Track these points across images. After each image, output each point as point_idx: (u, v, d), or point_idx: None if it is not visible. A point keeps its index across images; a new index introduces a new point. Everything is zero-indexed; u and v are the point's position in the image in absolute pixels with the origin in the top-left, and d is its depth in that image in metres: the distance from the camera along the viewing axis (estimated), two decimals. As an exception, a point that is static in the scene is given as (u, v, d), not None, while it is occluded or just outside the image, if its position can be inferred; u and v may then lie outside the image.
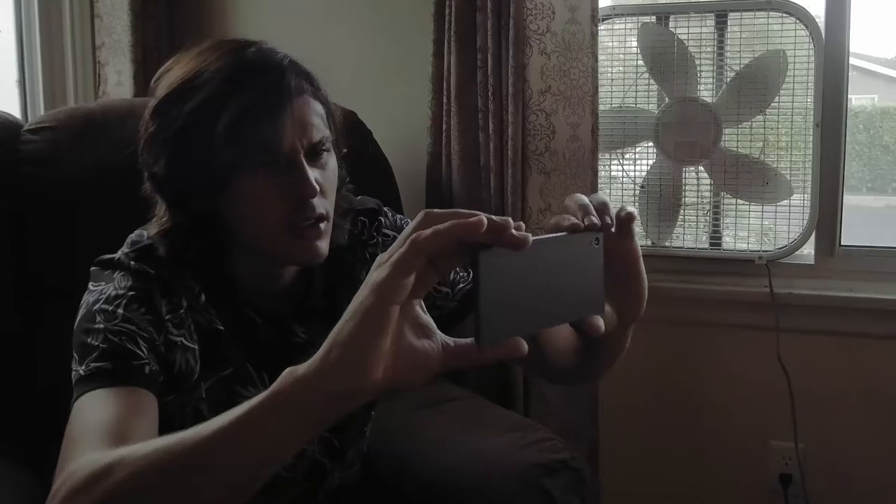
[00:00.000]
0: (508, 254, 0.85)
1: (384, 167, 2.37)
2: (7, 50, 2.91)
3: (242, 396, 1.40)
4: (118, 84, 2.80)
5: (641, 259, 1.13)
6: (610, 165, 2.68)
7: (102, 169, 1.98)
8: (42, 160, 1.99)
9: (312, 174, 1.32)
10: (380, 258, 0.88)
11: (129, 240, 1.44)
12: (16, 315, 1.97)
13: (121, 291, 1.34)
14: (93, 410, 1.20)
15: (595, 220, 0.99)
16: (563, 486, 1.75)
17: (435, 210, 0.87)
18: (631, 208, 1.09)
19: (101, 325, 1.29)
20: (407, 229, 0.87)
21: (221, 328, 1.42)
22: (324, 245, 1.37)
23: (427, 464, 1.75)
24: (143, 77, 2.77)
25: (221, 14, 2.92)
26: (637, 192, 2.64)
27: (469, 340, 0.89)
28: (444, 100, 2.49)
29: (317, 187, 1.32)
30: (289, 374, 0.90)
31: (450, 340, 0.90)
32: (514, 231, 0.83)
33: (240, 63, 1.33)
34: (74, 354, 1.30)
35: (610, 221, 1.04)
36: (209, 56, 1.35)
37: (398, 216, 1.64)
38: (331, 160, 1.39)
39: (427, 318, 0.91)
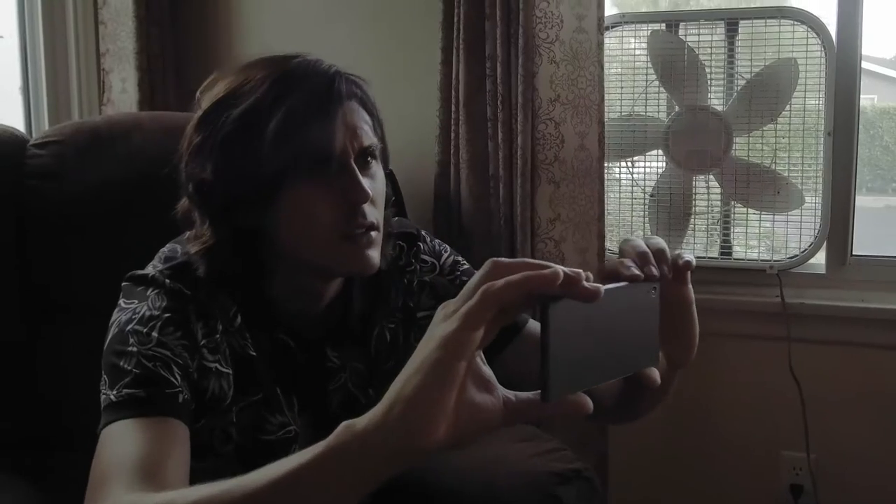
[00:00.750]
0: (575, 306, 0.83)
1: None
2: (10, 56, 2.89)
3: (270, 422, 1.39)
4: (123, 91, 2.78)
5: (694, 305, 1.13)
6: (620, 174, 2.65)
7: (108, 184, 1.98)
8: (48, 174, 1.98)
9: (364, 182, 1.29)
10: (444, 308, 0.85)
11: (162, 254, 1.40)
12: (19, 327, 1.96)
13: (155, 312, 1.29)
14: (124, 443, 1.16)
15: (655, 270, 0.99)
16: (576, 495, 1.74)
17: (503, 259, 0.85)
18: (689, 256, 1.09)
19: (135, 349, 1.25)
20: (475, 279, 0.84)
21: (254, 354, 1.38)
22: (375, 255, 1.33)
23: (437, 471, 1.73)
24: (148, 84, 2.76)
25: (226, 22, 2.90)
26: (647, 200, 2.62)
27: (532, 395, 0.87)
28: (453, 108, 2.47)
29: (368, 192, 1.29)
30: (346, 428, 0.87)
31: (510, 395, 0.88)
32: (586, 283, 0.81)
33: (286, 70, 1.31)
34: (104, 376, 1.26)
35: (668, 270, 1.04)
36: (253, 68, 1.33)
37: (436, 241, 1.60)
38: (379, 171, 1.36)
39: (488, 371, 0.88)
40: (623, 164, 2.65)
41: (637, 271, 0.98)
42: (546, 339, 0.82)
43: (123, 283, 1.37)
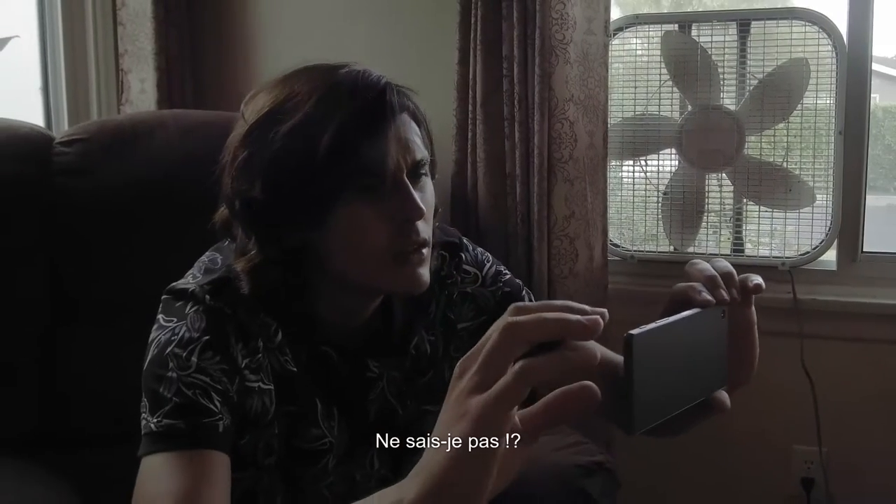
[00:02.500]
0: (654, 335, 0.86)
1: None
2: (30, 57, 2.92)
3: (306, 433, 1.38)
4: (142, 92, 2.82)
5: (756, 325, 1.15)
6: (634, 172, 2.69)
7: (132, 181, 2.02)
8: (74, 171, 2.00)
9: (416, 195, 1.26)
10: (462, 367, 0.82)
11: (202, 264, 1.38)
12: (45, 322, 1.98)
13: (195, 335, 1.26)
14: (164, 478, 1.17)
15: (726, 295, 1.01)
16: (601, 487, 1.78)
17: (520, 321, 0.79)
18: (758, 279, 1.10)
19: (174, 374, 1.23)
20: (494, 342, 0.80)
21: (294, 370, 1.35)
22: (426, 273, 1.30)
23: None
24: (167, 85, 2.79)
25: (242, 22, 2.93)
26: (660, 198, 2.65)
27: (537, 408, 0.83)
28: (470, 108, 2.50)
29: (423, 208, 1.25)
30: None
31: (525, 416, 0.82)
32: (582, 319, 0.78)
33: (334, 82, 1.27)
34: (144, 399, 1.25)
35: (737, 295, 1.05)
36: (298, 79, 1.29)
37: (478, 250, 1.56)
38: (429, 184, 1.33)
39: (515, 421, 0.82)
40: (637, 162, 2.68)
41: (708, 296, 0.99)
42: (630, 371, 0.83)
43: (163, 297, 1.34)
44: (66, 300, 1.98)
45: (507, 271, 1.56)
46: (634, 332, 0.84)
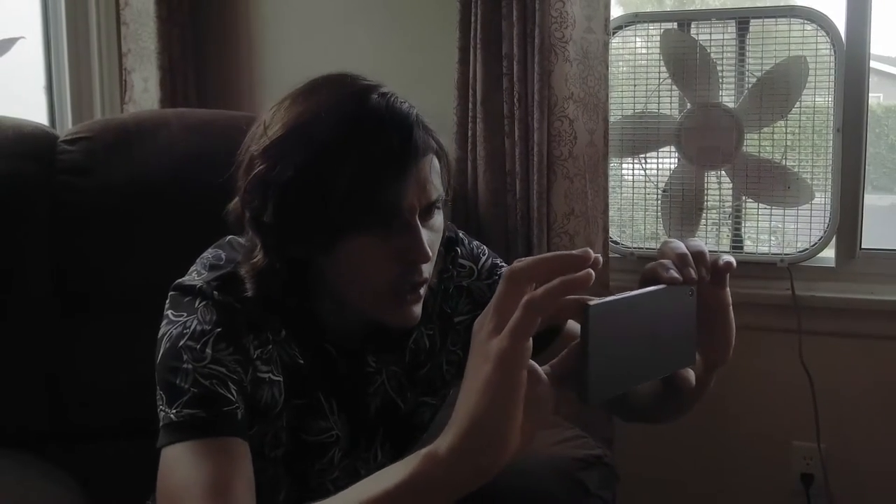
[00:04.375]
0: (615, 308, 0.87)
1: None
2: (35, 57, 2.94)
3: (312, 426, 1.39)
4: (145, 91, 2.84)
5: (731, 307, 1.12)
6: (633, 170, 2.70)
7: (135, 179, 2.03)
8: (78, 170, 2.02)
9: (425, 236, 1.25)
10: (480, 324, 0.89)
11: (206, 261, 1.37)
12: (50, 318, 1.99)
13: (207, 327, 1.27)
14: (190, 467, 1.18)
15: (694, 273, 1.00)
16: (598, 480, 1.79)
17: (518, 266, 0.89)
18: (728, 257, 1.08)
19: (189, 366, 1.24)
20: (500, 291, 0.88)
21: (302, 362, 1.36)
22: (418, 310, 1.31)
23: None
24: (170, 84, 2.81)
25: (245, 21, 2.95)
26: (659, 196, 2.66)
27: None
28: (470, 106, 2.52)
29: (429, 253, 1.26)
30: (428, 457, 0.91)
31: (550, 371, 0.92)
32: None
33: (363, 112, 1.23)
34: (160, 392, 1.25)
35: (706, 273, 1.04)
36: (325, 96, 1.26)
37: (474, 244, 1.56)
38: (439, 218, 1.31)
39: (533, 364, 0.90)
40: (636, 159, 2.69)
41: (676, 274, 0.99)
42: (586, 341, 0.85)
43: (171, 293, 1.34)
44: (71, 296, 2.00)
45: (502, 263, 1.57)
46: (592, 302, 0.86)
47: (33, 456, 1.90)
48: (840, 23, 2.49)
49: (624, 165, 2.73)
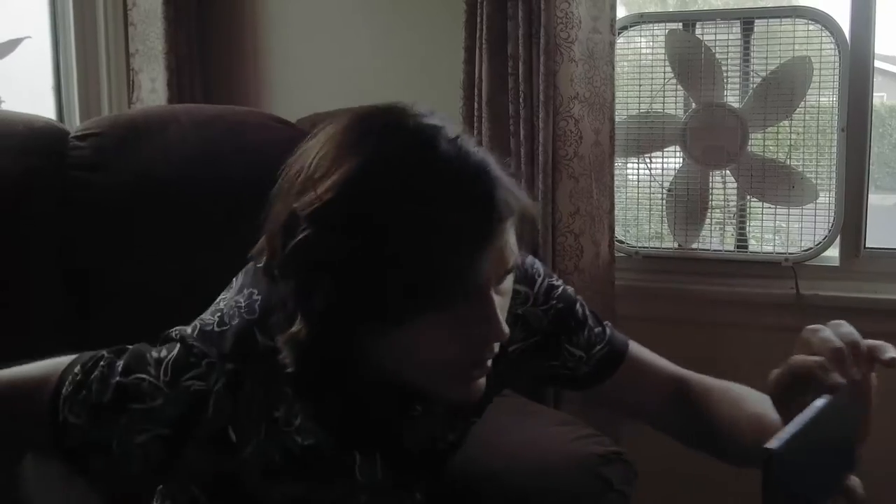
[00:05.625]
0: (792, 445, 0.81)
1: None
2: (43, 57, 2.96)
3: (332, 489, 1.26)
4: (152, 91, 2.85)
5: (874, 388, 1.05)
6: (638, 169, 2.71)
7: (145, 174, 2.04)
8: (89, 165, 2.03)
9: (497, 304, 1.07)
10: None
11: (234, 310, 1.19)
12: (61, 315, 1.99)
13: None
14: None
15: (857, 375, 0.96)
16: (620, 475, 1.81)
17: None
18: (891, 351, 1.02)
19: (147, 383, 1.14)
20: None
21: (307, 443, 1.19)
22: (484, 382, 1.15)
23: (485, 455, 1.72)
24: (177, 84, 2.83)
25: (251, 22, 2.97)
26: (664, 195, 2.68)
27: None
28: (475, 105, 2.53)
29: (506, 331, 1.08)
30: None
31: None
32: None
33: (432, 172, 1.03)
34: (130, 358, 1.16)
35: (866, 369, 1.00)
36: (381, 145, 1.05)
37: (528, 263, 1.36)
38: (510, 280, 1.13)
39: None
40: (641, 158, 2.71)
41: (838, 378, 0.93)
42: (771, 490, 0.81)
43: (178, 341, 1.18)
44: (81, 293, 2.01)
45: (558, 282, 1.40)
46: (773, 445, 0.79)
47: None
48: (844, 23, 2.50)
49: (629, 165, 2.74)
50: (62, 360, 1.18)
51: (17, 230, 1.94)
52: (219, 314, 1.19)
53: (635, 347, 1.45)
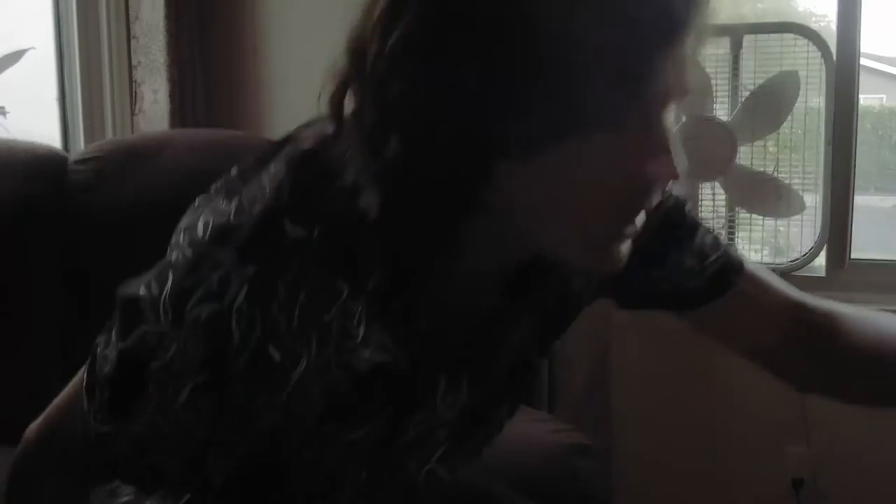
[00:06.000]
0: None
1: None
2: (47, 68, 3.02)
3: (411, 423, 1.01)
4: (154, 102, 2.90)
5: None
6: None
7: (142, 197, 2.10)
8: (88, 189, 2.10)
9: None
10: None
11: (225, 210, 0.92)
12: (66, 337, 2.06)
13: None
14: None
15: None
16: (592, 467, 1.86)
17: None
18: None
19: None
20: None
21: (384, 360, 0.93)
22: (626, 251, 0.92)
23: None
24: (178, 96, 2.88)
25: (252, 35, 3.02)
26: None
27: None
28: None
29: (680, 168, 0.86)
30: None
31: None
32: None
33: None
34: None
35: None
36: None
37: None
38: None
39: None
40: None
41: None
42: None
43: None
44: (83, 315, 2.07)
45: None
46: None
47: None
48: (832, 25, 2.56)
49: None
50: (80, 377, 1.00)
51: (20, 256, 2.01)
52: (236, 201, 0.91)
53: (750, 264, 1.20)
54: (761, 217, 2.65)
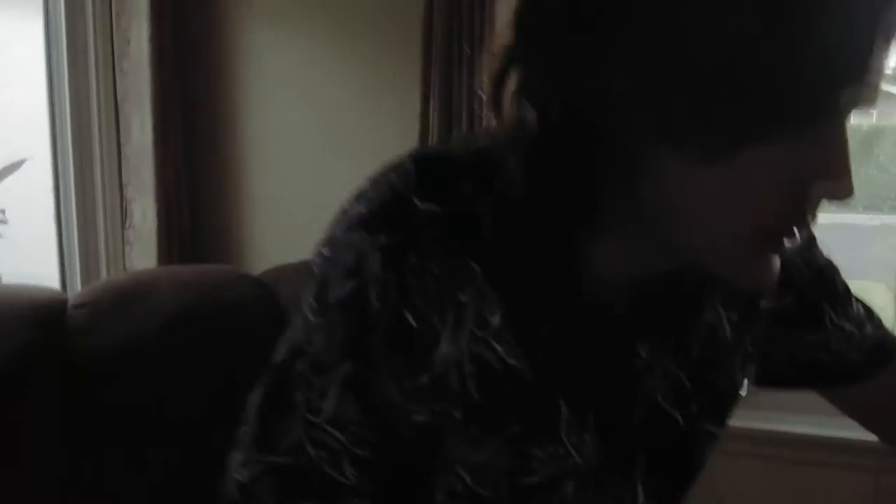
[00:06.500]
0: None
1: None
2: (44, 174, 3.23)
3: (540, 456, 0.90)
4: (140, 133, 3.06)
5: None
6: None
7: (131, 338, 2.19)
8: (84, 331, 2.22)
9: None
10: None
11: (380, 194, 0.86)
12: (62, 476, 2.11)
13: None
14: None
15: None
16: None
17: None
18: None
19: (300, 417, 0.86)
20: None
21: (514, 364, 0.85)
22: (778, 266, 0.82)
23: None
24: (162, 128, 3.03)
25: (231, 71, 3.15)
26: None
27: None
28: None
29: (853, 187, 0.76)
30: None
31: None
32: None
33: None
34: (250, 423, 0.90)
35: None
36: None
37: None
38: None
39: None
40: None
41: None
42: None
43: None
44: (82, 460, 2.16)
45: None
46: None
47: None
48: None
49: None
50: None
51: (20, 405, 2.09)
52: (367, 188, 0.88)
53: None
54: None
